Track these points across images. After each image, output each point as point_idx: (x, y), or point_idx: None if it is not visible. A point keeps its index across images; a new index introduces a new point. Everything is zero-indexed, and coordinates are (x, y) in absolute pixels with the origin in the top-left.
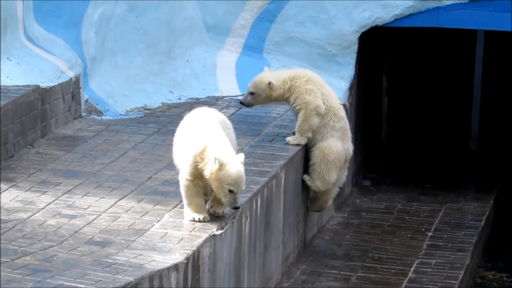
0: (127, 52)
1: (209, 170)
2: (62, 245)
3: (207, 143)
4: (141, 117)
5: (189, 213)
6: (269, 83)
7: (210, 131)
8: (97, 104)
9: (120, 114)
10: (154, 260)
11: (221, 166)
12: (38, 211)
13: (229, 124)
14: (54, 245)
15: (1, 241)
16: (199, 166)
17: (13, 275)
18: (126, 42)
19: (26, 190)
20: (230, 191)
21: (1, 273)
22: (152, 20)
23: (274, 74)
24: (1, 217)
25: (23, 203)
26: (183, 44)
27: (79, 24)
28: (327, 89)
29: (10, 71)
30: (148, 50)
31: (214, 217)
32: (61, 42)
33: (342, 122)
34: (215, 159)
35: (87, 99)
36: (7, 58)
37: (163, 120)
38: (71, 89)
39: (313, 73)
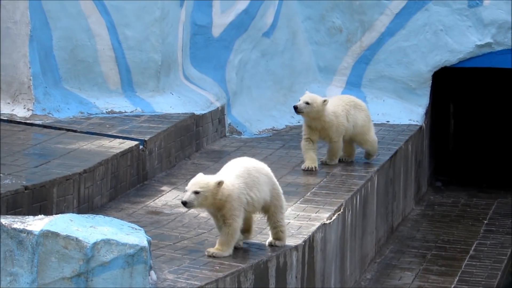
0: (259, 87)
1: None
2: (211, 232)
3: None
4: (270, 136)
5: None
6: (324, 101)
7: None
8: (237, 127)
9: (254, 134)
10: None
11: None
12: None
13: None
14: (205, 232)
15: (166, 229)
16: None
17: (174, 255)
18: (259, 80)
19: (185, 191)
20: None
21: (166, 253)
22: (278, 63)
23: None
24: (166, 211)
25: None
26: (301, 81)
27: (224, 67)
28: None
29: (172, 102)
30: (275, 86)
31: (325, 211)
32: (210, 81)
33: None
34: None
35: (230, 123)
36: (170, 93)
37: (286, 138)
38: (218, 115)
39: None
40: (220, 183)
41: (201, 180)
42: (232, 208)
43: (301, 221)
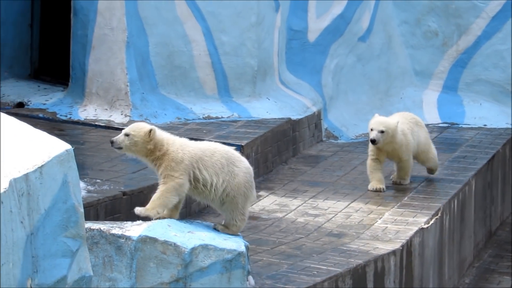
0: (356, 92)
1: None
2: (309, 237)
3: None
4: (366, 140)
5: None
6: (397, 122)
7: None
8: (333, 131)
9: (351, 139)
10: (377, 247)
11: None
12: (291, 212)
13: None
14: (303, 237)
15: (264, 234)
16: None
17: (272, 260)
18: (355, 84)
19: (282, 196)
20: None
21: (264, 258)
22: (374, 68)
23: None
24: (264, 217)
25: (279, 205)
26: (397, 85)
27: (320, 72)
28: None
29: (269, 107)
30: (371, 90)
31: (422, 216)
32: (306, 85)
33: None
34: None
35: (326, 128)
36: (267, 98)
37: None
38: (314, 120)
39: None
40: (151, 131)
41: (135, 124)
42: (170, 168)
43: (399, 225)
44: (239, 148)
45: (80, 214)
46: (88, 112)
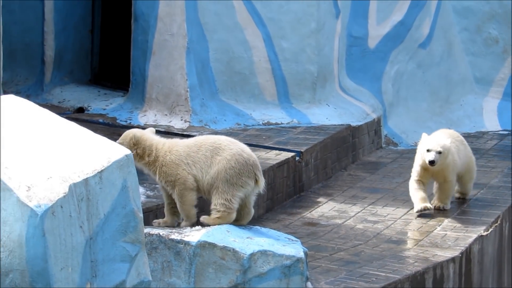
0: (416, 99)
1: None
2: (368, 243)
3: None
4: None
5: None
6: (451, 142)
7: None
8: (393, 138)
9: (410, 145)
10: (436, 254)
11: None
12: (350, 218)
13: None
14: (362, 243)
15: (322, 240)
16: None
17: (331, 266)
18: (415, 91)
19: (341, 203)
20: None
21: (323, 264)
22: (434, 75)
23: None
24: (323, 223)
25: (338, 212)
26: (457, 92)
27: (380, 78)
28: None
29: (328, 114)
30: (431, 97)
31: (482, 223)
32: (366, 92)
33: None
34: None
35: (386, 134)
36: (327, 104)
37: None
38: (374, 127)
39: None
40: (133, 136)
41: (125, 133)
42: (164, 174)
43: (458, 232)
44: (299, 154)
45: (139, 219)
46: (148, 117)
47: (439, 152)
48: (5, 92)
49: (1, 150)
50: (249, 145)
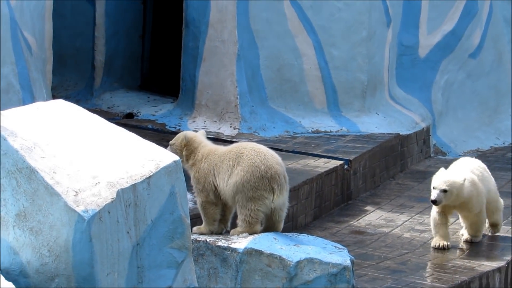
0: (465, 108)
1: None
2: (414, 252)
3: None
4: (474, 157)
5: None
6: (464, 180)
7: None
8: (442, 147)
9: (459, 155)
10: (482, 264)
11: None
12: (397, 227)
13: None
14: (408, 252)
15: (369, 249)
16: None
17: (377, 274)
18: (464, 101)
19: (388, 211)
20: None
21: (369, 273)
22: (484, 85)
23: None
24: (370, 231)
25: (386, 220)
26: (506, 102)
27: (430, 87)
28: None
29: (377, 122)
30: (480, 107)
31: None
32: (415, 101)
33: None
34: None
35: (435, 144)
36: (376, 113)
37: (491, 160)
38: (423, 136)
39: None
40: (185, 137)
41: (179, 134)
42: (194, 180)
43: (504, 242)
44: (347, 163)
45: (187, 226)
46: (197, 124)
47: (444, 191)
48: (54, 97)
49: (49, 155)
50: (298, 153)
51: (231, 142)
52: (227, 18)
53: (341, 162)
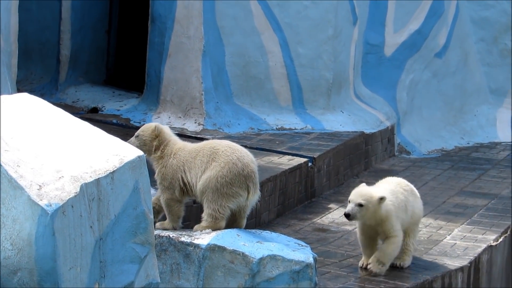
0: (430, 108)
1: None
2: None
3: None
4: (438, 156)
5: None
6: (381, 198)
7: None
8: (406, 146)
9: (423, 154)
10: (445, 263)
11: None
12: None
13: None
14: None
15: (332, 247)
16: None
17: (340, 272)
18: (429, 100)
19: None
20: None
21: (332, 270)
22: (449, 84)
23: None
24: (333, 229)
25: None
26: (471, 102)
27: (395, 86)
28: None
29: (342, 120)
30: (445, 106)
31: (491, 233)
32: (381, 100)
33: None
34: None
35: (399, 143)
36: (341, 111)
37: (456, 159)
38: (388, 135)
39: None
40: (156, 127)
41: (145, 125)
42: (160, 175)
43: (467, 242)
44: (311, 160)
45: (150, 221)
46: (162, 119)
47: (360, 205)
48: (19, 91)
49: (13, 148)
50: (262, 149)
51: (196, 138)
52: (193, 14)
53: (305, 159)
